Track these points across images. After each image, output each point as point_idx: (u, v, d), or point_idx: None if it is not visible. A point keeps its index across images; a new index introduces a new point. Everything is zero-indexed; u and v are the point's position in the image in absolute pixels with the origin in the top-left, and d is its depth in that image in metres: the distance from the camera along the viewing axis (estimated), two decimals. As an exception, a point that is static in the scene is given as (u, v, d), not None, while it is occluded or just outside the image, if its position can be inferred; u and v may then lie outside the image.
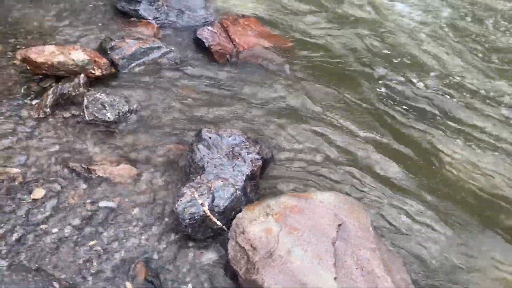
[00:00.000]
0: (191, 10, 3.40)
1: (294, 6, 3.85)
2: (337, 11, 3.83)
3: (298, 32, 3.43)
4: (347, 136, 2.52)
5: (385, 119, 2.70)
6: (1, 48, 2.80)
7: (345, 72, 3.08)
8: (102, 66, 2.59)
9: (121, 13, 3.26)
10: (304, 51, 3.23)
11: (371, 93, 2.90)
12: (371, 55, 3.28)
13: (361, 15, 3.78)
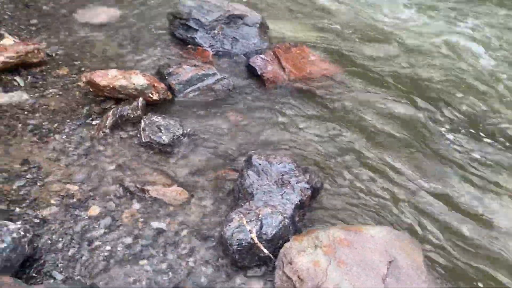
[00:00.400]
0: (245, 39, 3.50)
1: (348, 34, 3.88)
2: (397, 40, 3.80)
3: (351, 61, 3.43)
4: (402, 172, 2.46)
5: (445, 163, 2.59)
6: (67, 70, 2.99)
7: (400, 107, 3.02)
8: (159, 90, 2.70)
9: (179, 40, 3.40)
10: (357, 81, 3.22)
11: (433, 134, 2.80)
12: (435, 94, 3.17)
13: (424, 47, 3.72)
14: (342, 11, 4.30)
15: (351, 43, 3.75)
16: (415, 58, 3.59)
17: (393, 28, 4.04)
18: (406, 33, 3.96)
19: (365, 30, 3.97)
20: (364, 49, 3.66)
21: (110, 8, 3.69)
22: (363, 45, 3.73)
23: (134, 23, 3.58)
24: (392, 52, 3.65)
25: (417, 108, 3.01)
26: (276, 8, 4.20)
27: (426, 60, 3.60)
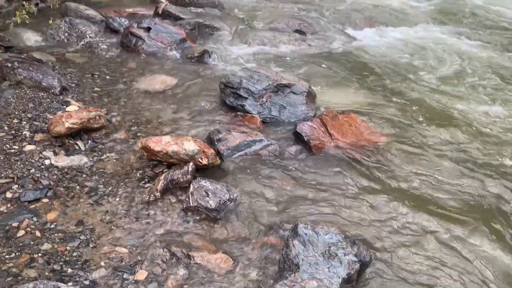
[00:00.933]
0: (292, 106, 3.59)
1: (395, 101, 3.89)
2: (462, 122, 3.69)
3: (398, 130, 3.42)
4: (456, 246, 2.34)
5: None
6: (125, 135, 3.17)
7: (455, 179, 2.93)
8: (209, 156, 2.79)
9: (230, 107, 3.55)
10: (406, 152, 3.18)
11: (498, 212, 2.67)
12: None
13: (493, 132, 3.59)
14: (393, 81, 4.35)
15: (400, 111, 3.75)
16: (479, 142, 3.42)
17: (458, 108, 3.89)
18: (472, 115, 3.79)
19: (419, 104, 3.96)
20: (417, 122, 3.65)
21: (167, 77, 3.95)
22: (416, 117, 3.71)
23: (189, 91, 3.79)
24: (453, 132, 3.51)
25: (480, 184, 2.89)
26: (325, 77, 4.31)
27: (493, 145, 3.39)
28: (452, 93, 4.15)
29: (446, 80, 4.43)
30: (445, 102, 3.94)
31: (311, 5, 6.49)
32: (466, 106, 3.89)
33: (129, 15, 5.35)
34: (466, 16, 6.61)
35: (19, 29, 4.41)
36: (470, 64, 4.83)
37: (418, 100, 3.96)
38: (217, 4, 6.05)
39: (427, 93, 4.11)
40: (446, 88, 4.24)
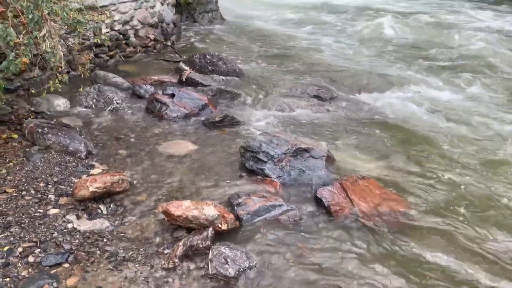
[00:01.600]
0: (311, 170, 3.62)
1: (415, 167, 3.87)
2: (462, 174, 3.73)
3: (419, 197, 3.38)
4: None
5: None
6: (146, 198, 3.22)
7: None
8: (228, 221, 2.79)
9: (249, 171, 3.59)
10: (427, 219, 3.12)
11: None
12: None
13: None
14: (413, 147, 4.36)
15: (422, 178, 3.72)
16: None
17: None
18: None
19: (440, 170, 3.94)
20: (440, 189, 3.62)
21: (188, 142, 4.06)
22: (439, 184, 3.68)
23: (210, 155, 3.86)
24: (475, 201, 3.41)
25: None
26: (344, 141, 4.36)
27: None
28: (470, 161, 4.12)
29: (468, 146, 4.41)
30: (467, 173, 3.90)
31: (328, 73, 6.70)
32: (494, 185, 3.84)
33: (155, 82, 5.61)
34: (479, 72, 6.73)
35: (51, 95, 4.66)
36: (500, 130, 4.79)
37: (438, 166, 3.94)
38: (238, 71, 6.31)
39: (446, 159, 4.09)
40: (468, 155, 4.21)
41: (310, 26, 10.79)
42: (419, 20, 10.93)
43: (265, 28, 10.23)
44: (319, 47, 8.51)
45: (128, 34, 6.66)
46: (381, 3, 14.27)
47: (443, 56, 7.89)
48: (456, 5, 14.07)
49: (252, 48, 8.21)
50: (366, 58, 7.73)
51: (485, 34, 9.30)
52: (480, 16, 12.05)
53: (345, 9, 13.05)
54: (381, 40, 9.32)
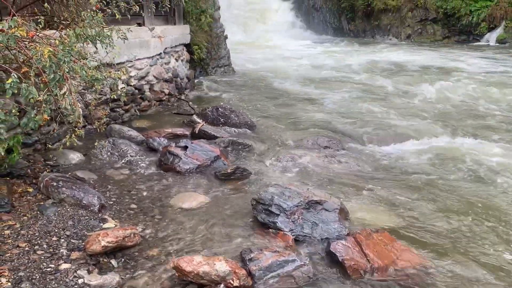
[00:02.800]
0: (324, 223, 3.57)
1: (430, 220, 3.80)
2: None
3: (435, 251, 3.30)
4: None
5: None
6: (158, 252, 3.19)
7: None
8: (240, 277, 2.74)
9: (262, 224, 3.56)
10: (444, 272, 3.03)
11: None
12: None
13: None
14: (426, 199, 4.31)
15: (438, 231, 3.65)
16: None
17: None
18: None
19: (455, 223, 3.87)
20: (451, 235, 3.54)
21: (200, 194, 4.07)
22: (456, 237, 3.61)
23: (221, 208, 3.86)
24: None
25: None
26: (356, 193, 4.33)
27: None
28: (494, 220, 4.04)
29: (482, 197, 4.34)
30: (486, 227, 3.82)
31: (339, 124, 6.78)
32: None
33: (168, 135, 5.72)
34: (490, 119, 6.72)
35: (66, 149, 4.76)
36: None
37: (454, 217, 3.87)
38: (250, 123, 6.42)
39: (461, 211, 4.02)
40: (484, 205, 4.14)
41: (319, 80, 11.05)
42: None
43: (276, 82, 10.49)
44: (327, 99, 8.66)
45: (144, 89, 6.89)
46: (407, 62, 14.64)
47: (471, 113, 7.68)
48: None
49: (263, 100, 8.40)
50: (379, 110, 7.82)
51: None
52: None
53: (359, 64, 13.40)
54: (397, 94, 9.47)
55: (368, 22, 23.89)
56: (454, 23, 20.72)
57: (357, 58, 14.69)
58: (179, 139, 5.38)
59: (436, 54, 16.10)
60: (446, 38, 20.97)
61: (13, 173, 4.03)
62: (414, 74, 11.71)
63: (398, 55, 15.66)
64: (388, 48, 18.24)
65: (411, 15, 21.63)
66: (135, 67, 6.66)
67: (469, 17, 19.94)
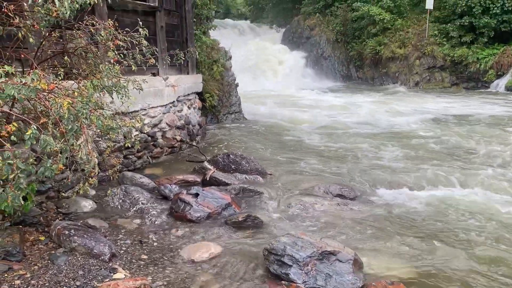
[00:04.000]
0: (338, 275, 3.48)
1: (447, 271, 3.69)
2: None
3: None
4: None
5: None
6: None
7: None
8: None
9: (274, 275, 3.48)
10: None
11: None
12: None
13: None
14: (445, 247, 4.21)
15: (452, 281, 3.53)
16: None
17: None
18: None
19: (474, 273, 3.76)
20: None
21: (211, 244, 4.01)
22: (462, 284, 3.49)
23: (233, 258, 3.79)
24: None
25: None
26: (370, 242, 4.24)
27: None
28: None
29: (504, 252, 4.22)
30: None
31: (352, 170, 6.76)
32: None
33: (180, 181, 5.74)
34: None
35: (78, 196, 4.79)
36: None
37: (471, 269, 3.75)
38: (261, 170, 6.43)
39: (480, 263, 3.90)
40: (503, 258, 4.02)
41: (330, 128, 11.14)
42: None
43: (286, 129, 10.59)
44: (339, 147, 8.69)
45: (156, 136, 7.00)
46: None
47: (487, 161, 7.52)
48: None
49: (274, 147, 8.45)
50: (394, 156, 7.81)
51: None
52: None
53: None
54: (409, 137, 9.49)
55: (376, 70, 24.32)
56: (462, 70, 20.99)
57: (368, 106, 14.83)
58: (190, 186, 5.39)
59: (460, 101, 15.92)
60: (454, 85, 21.17)
61: (26, 221, 4.04)
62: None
63: (406, 103, 15.74)
64: (394, 95, 18.44)
65: (419, 63, 21.99)
66: (148, 115, 6.80)
67: (476, 65, 20.20)
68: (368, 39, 24.11)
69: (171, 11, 7.80)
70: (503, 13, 19.37)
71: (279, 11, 33.65)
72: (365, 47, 24.31)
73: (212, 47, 11.06)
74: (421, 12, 23.19)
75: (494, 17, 19.58)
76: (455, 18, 20.96)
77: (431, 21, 22.19)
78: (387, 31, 23.34)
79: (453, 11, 20.94)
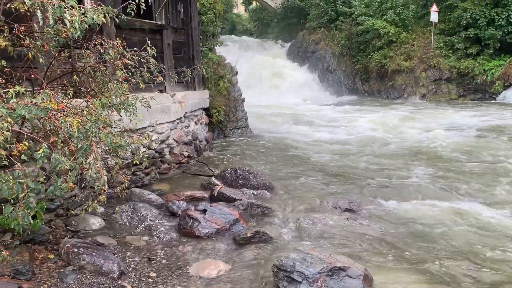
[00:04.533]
0: (349, 291, 3.44)
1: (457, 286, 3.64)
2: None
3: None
4: None
5: None
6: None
7: None
8: None
9: (283, 293, 3.45)
10: None
11: None
12: None
13: None
14: (456, 263, 4.15)
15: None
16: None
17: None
18: None
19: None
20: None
21: (220, 261, 3.99)
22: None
23: (242, 275, 3.77)
24: None
25: None
26: (380, 257, 4.20)
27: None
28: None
29: None
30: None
31: (360, 184, 6.73)
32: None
33: (187, 198, 5.74)
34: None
35: (87, 214, 4.80)
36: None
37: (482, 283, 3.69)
38: (268, 185, 6.42)
39: (492, 275, 3.84)
40: None
41: (337, 142, 11.11)
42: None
43: (293, 143, 10.59)
44: (347, 160, 8.66)
45: (164, 152, 7.03)
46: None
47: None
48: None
49: (281, 162, 8.44)
50: (404, 168, 7.76)
51: None
52: None
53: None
54: (418, 151, 9.44)
55: (382, 83, 24.33)
56: (469, 82, 20.93)
57: (367, 120, 14.80)
58: (198, 202, 5.39)
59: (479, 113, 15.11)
60: (461, 96, 21.10)
61: (35, 239, 4.06)
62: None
63: (423, 116, 15.63)
64: (399, 107, 18.39)
65: (425, 75, 21.97)
66: (156, 131, 6.85)
67: (483, 76, 20.14)
68: (374, 52, 24.17)
69: (178, 29, 7.91)
70: (509, 24, 19.37)
71: (284, 26, 33.92)
72: (370, 60, 24.37)
73: (218, 63, 11.16)
74: (425, 25, 23.25)
75: (499, 29, 19.57)
76: (460, 30, 20.99)
77: (436, 34, 22.23)
78: (392, 44, 23.39)
79: (457, 23, 20.98)
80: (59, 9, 2.84)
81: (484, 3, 19.80)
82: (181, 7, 7.93)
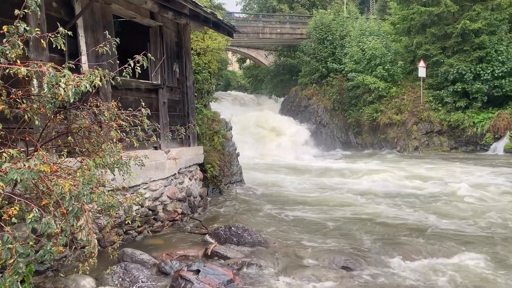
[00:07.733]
0: None
1: None
2: None
3: None
4: None
5: None
6: None
7: None
8: None
9: None
10: None
11: None
12: None
13: None
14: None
15: None
16: None
17: None
18: None
19: None
20: None
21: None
22: None
23: None
24: None
25: None
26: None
27: None
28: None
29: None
30: None
31: (355, 238, 6.65)
32: None
33: (180, 257, 5.63)
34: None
35: (77, 275, 4.67)
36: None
37: None
38: (263, 242, 6.32)
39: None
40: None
41: (334, 196, 11.10)
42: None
43: (289, 197, 10.56)
44: (342, 213, 8.60)
45: (157, 210, 6.97)
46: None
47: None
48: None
49: (276, 216, 8.37)
50: (401, 215, 7.71)
51: None
52: None
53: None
54: (413, 196, 9.41)
55: (374, 136, 24.71)
56: (460, 134, 21.33)
57: (366, 172, 14.88)
58: (191, 261, 5.28)
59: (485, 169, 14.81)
60: (453, 149, 21.40)
61: (22, 305, 3.91)
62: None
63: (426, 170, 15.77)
64: (402, 161, 18.55)
65: (416, 128, 22.38)
66: (149, 189, 6.83)
67: (473, 129, 20.56)
68: (365, 107, 24.75)
69: (173, 87, 8.12)
70: (494, 78, 20.07)
71: (277, 83, 34.90)
72: (362, 114, 24.90)
73: (213, 118, 11.36)
74: (414, 79, 24.02)
75: (485, 83, 20.25)
76: (448, 84, 21.69)
77: (425, 88, 22.92)
78: (383, 98, 24.02)
79: (445, 78, 21.71)
80: (54, 78, 2.93)
81: (469, 59, 20.60)
82: (177, 67, 8.18)
